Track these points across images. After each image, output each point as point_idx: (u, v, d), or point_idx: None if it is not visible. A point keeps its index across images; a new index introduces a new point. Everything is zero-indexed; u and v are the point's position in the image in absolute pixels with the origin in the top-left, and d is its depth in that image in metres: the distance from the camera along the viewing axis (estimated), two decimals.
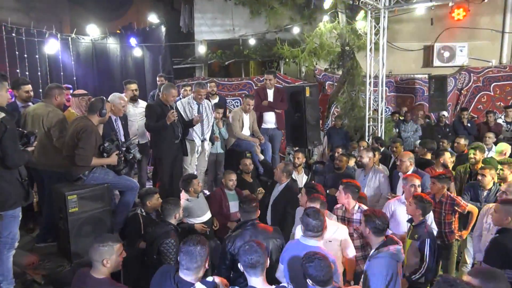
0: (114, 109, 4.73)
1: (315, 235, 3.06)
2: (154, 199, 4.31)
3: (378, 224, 3.11)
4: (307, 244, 3.03)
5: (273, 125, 6.36)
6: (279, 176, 4.66)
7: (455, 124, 9.11)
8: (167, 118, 5.03)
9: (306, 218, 3.07)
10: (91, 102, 4.18)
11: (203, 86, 5.48)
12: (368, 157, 5.33)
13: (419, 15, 10.34)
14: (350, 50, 8.13)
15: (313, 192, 4.01)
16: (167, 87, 5.24)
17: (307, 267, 2.58)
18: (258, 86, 9.46)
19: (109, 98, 4.84)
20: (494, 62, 10.69)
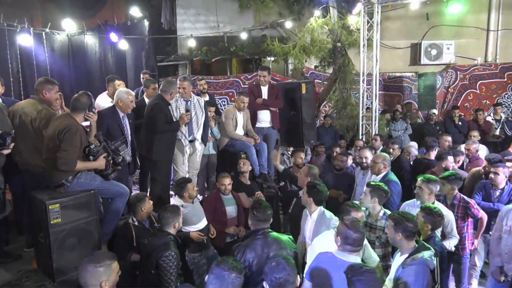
0: (122, 105, 4.37)
1: (356, 249, 2.72)
2: (147, 204, 3.92)
3: (410, 227, 2.84)
4: (346, 260, 2.67)
5: (268, 124, 6.01)
6: (304, 181, 4.32)
7: (446, 122, 9.02)
8: (181, 120, 4.64)
9: (346, 230, 2.72)
10: (74, 98, 3.70)
11: (181, 79, 5.09)
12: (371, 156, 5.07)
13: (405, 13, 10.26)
14: (341, 47, 7.88)
15: (314, 190, 3.72)
16: (168, 83, 4.82)
17: (355, 281, 2.24)
18: (246, 84, 9.13)
19: (116, 93, 4.45)
20: (479, 60, 10.72)
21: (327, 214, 3.72)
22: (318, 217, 3.72)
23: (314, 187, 3.71)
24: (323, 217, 3.70)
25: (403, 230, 2.83)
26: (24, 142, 3.87)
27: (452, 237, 3.87)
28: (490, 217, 4.32)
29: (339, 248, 2.77)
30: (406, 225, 2.83)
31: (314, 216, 3.75)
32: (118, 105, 4.39)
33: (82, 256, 3.47)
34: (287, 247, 3.15)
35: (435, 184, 3.95)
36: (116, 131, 4.32)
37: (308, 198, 3.73)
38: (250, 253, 3.07)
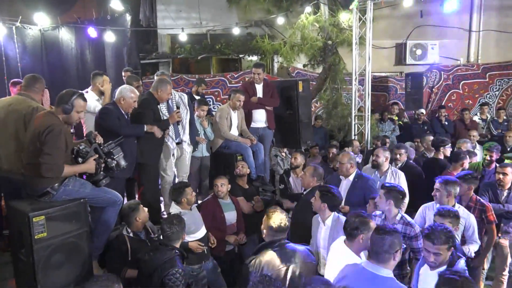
0: (123, 103, 4.00)
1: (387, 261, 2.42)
2: (142, 213, 3.53)
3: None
4: (377, 273, 2.38)
5: (263, 124, 5.68)
6: (308, 181, 4.07)
7: (433, 122, 9.00)
8: (171, 118, 4.25)
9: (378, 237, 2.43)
10: (60, 94, 3.26)
11: (164, 74, 4.74)
12: (385, 157, 4.84)
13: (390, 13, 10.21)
14: (332, 45, 7.66)
15: (328, 194, 3.44)
16: (161, 82, 4.43)
17: None
18: (233, 83, 8.78)
19: (119, 89, 4.06)
20: (462, 61, 10.81)
21: (343, 219, 3.44)
22: (332, 224, 3.44)
23: (328, 192, 3.43)
24: (338, 223, 3.42)
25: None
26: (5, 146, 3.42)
27: (473, 243, 3.68)
28: (499, 218, 4.18)
29: (368, 258, 2.50)
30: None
31: (328, 223, 3.46)
32: (119, 103, 3.97)
33: (70, 274, 3.07)
34: (307, 259, 2.85)
35: (454, 185, 3.74)
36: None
37: (321, 203, 3.43)
38: (266, 267, 2.75)
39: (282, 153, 6.51)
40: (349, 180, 4.33)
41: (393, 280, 2.41)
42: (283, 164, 6.46)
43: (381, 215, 3.56)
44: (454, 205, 3.75)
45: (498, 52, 10.78)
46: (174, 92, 4.79)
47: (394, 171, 4.84)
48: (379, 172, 4.83)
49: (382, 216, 3.55)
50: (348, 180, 4.34)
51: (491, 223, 3.88)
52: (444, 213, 3.15)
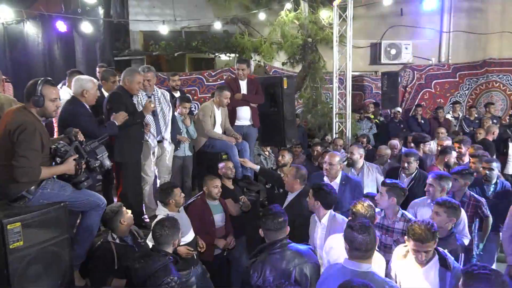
0: (87, 96, 3.72)
1: (365, 255, 2.34)
2: (126, 215, 3.26)
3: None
4: (356, 269, 2.29)
5: (248, 122, 5.49)
6: (291, 184, 3.84)
7: (410, 121, 9.13)
8: (145, 109, 3.97)
9: (351, 232, 2.35)
10: (26, 88, 2.94)
11: (144, 69, 4.46)
12: (359, 154, 4.80)
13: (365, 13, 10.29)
14: (312, 43, 7.59)
15: (321, 192, 3.31)
16: (128, 71, 4.14)
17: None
18: (210, 81, 8.54)
19: (78, 83, 3.73)
20: (434, 60, 11.06)
21: (339, 217, 3.32)
22: (329, 222, 3.31)
23: (321, 189, 3.30)
24: (334, 221, 3.30)
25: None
26: None
27: (464, 237, 3.66)
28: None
29: (348, 256, 2.41)
30: None
31: (324, 222, 3.33)
32: (82, 97, 3.66)
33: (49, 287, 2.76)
34: (310, 259, 2.70)
35: (447, 180, 3.74)
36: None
37: (315, 202, 3.30)
38: (269, 270, 2.58)
39: (265, 151, 6.36)
40: (336, 183, 4.14)
41: (373, 273, 2.34)
42: (267, 163, 6.31)
43: (380, 213, 3.46)
44: None
45: (467, 52, 11.11)
46: (156, 88, 4.55)
47: (370, 165, 4.82)
48: (355, 170, 4.79)
49: (382, 214, 3.46)
50: (335, 183, 4.14)
51: (487, 217, 3.88)
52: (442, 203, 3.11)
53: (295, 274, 2.57)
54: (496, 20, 11.03)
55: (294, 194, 3.84)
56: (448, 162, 5.04)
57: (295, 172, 3.94)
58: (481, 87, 10.77)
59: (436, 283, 2.61)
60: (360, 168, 4.73)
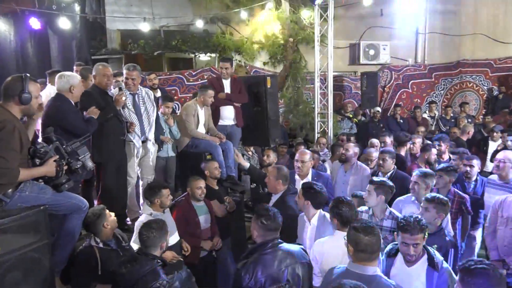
0: (75, 93, 3.57)
1: (371, 257, 2.30)
2: (110, 218, 3.13)
3: None
4: (362, 273, 2.25)
5: (231, 122, 5.42)
6: (274, 185, 3.74)
7: (389, 120, 9.27)
8: (116, 102, 3.83)
9: (355, 234, 2.30)
10: (6, 83, 2.78)
11: (130, 67, 4.33)
12: (354, 152, 4.81)
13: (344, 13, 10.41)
14: (294, 42, 7.59)
15: (311, 191, 3.28)
16: (95, 66, 4.02)
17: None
18: (191, 81, 8.41)
19: (65, 79, 3.56)
20: (410, 61, 11.28)
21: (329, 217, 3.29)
22: (319, 222, 3.27)
23: (311, 188, 3.26)
24: (325, 221, 3.26)
25: None
26: None
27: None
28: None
29: (353, 259, 2.35)
30: None
31: (314, 222, 3.29)
32: (69, 93, 3.50)
33: None
34: (302, 258, 2.66)
35: (431, 178, 3.78)
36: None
37: (305, 201, 3.26)
38: (261, 271, 2.53)
39: (249, 151, 6.30)
40: (308, 179, 4.11)
41: (380, 277, 2.31)
42: (250, 162, 6.25)
43: (368, 211, 3.47)
44: None
45: (442, 53, 11.40)
46: (141, 87, 4.42)
47: (361, 166, 4.83)
48: (345, 166, 4.79)
49: (370, 212, 3.46)
50: (306, 179, 4.11)
51: (470, 214, 3.95)
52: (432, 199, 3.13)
53: (287, 275, 2.52)
54: (469, 22, 11.36)
55: (278, 195, 3.75)
56: (429, 159, 5.12)
57: (277, 173, 3.82)
58: (456, 87, 11.07)
59: (424, 283, 2.59)
60: (350, 167, 4.72)
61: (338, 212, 2.83)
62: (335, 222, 2.85)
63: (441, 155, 5.22)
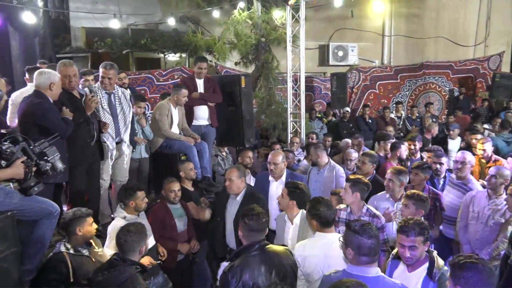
0: (55, 90, 3.41)
1: (373, 259, 2.26)
2: (87, 225, 2.96)
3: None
4: (366, 275, 2.20)
5: (206, 122, 5.32)
6: (238, 185, 3.66)
7: (358, 121, 9.45)
8: (87, 107, 3.64)
9: (357, 237, 2.23)
10: None
11: (107, 66, 4.16)
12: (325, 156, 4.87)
13: (313, 15, 10.54)
14: (265, 43, 7.58)
15: (297, 191, 3.26)
16: (58, 65, 3.77)
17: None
18: (161, 81, 8.22)
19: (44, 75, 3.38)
20: (377, 63, 11.58)
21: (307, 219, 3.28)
22: (301, 222, 3.26)
23: (297, 188, 3.24)
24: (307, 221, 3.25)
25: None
26: None
27: None
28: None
29: (355, 263, 2.27)
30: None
31: (296, 221, 3.28)
32: (48, 90, 3.31)
33: None
34: (288, 260, 2.62)
35: (405, 175, 3.87)
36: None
37: (290, 201, 3.23)
38: (248, 274, 2.47)
39: (223, 152, 6.21)
40: (282, 181, 4.04)
41: (383, 277, 2.29)
42: (224, 164, 6.16)
43: (346, 209, 3.48)
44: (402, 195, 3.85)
45: (407, 55, 11.79)
46: (117, 87, 4.25)
47: (332, 165, 4.88)
48: (318, 166, 4.83)
49: (348, 210, 3.47)
50: (281, 181, 4.05)
51: (443, 210, 4.06)
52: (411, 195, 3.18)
53: (274, 276, 2.47)
54: (432, 26, 11.82)
55: (241, 195, 3.68)
56: (401, 156, 5.24)
57: (238, 172, 3.72)
58: (420, 88, 11.47)
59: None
60: (323, 166, 4.76)
61: (317, 213, 2.78)
62: (314, 224, 2.80)
63: (414, 153, 5.36)
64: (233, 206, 3.73)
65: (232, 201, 3.76)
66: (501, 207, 3.67)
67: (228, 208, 3.78)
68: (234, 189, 3.69)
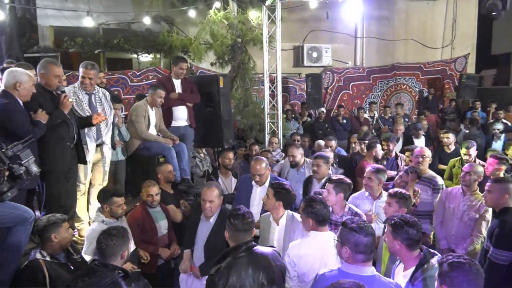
0: (21, 91, 3.21)
1: (370, 257, 2.26)
2: (63, 231, 2.84)
3: (413, 234, 2.41)
4: (362, 274, 2.20)
5: (184, 122, 5.22)
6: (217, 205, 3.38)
7: (333, 121, 9.57)
8: (62, 106, 3.49)
9: (354, 235, 2.23)
10: None
11: (88, 66, 4.03)
12: (300, 154, 4.88)
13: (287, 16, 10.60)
14: (242, 43, 7.55)
15: (283, 192, 3.25)
16: (44, 63, 3.63)
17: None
18: (135, 81, 8.04)
19: (10, 75, 3.20)
20: (350, 64, 11.78)
21: (298, 216, 3.27)
22: (287, 223, 3.24)
23: (283, 189, 3.22)
24: (293, 221, 3.24)
25: (404, 238, 2.41)
26: None
27: None
28: None
29: (350, 261, 2.27)
30: (408, 231, 2.40)
31: (282, 222, 3.26)
32: (14, 90, 3.15)
33: None
34: (276, 261, 2.60)
35: (383, 173, 3.94)
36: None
37: (276, 202, 3.21)
38: (235, 277, 2.42)
39: (201, 153, 6.14)
40: (265, 186, 3.86)
41: (379, 276, 2.30)
42: (202, 165, 6.09)
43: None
44: (381, 193, 3.93)
45: (378, 57, 12.06)
46: (97, 87, 4.13)
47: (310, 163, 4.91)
48: (297, 167, 4.85)
49: (330, 210, 3.48)
50: (264, 187, 3.88)
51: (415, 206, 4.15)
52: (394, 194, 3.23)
53: (262, 278, 2.44)
54: (402, 28, 12.15)
55: (215, 216, 3.34)
56: (376, 155, 5.35)
57: (218, 190, 3.34)
58: (391, 88, 11.77)
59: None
60: (301, 166, 4.79)
61: (313, 211, 2.76)
62: (309, 222, 2.78)
63: (389, 153, 5.48)
64: (205, 229, 3.33)
65: (203, 224, 3.34)
66: (475, 203, 3.80)
67: (199, 231, 3.34)
68: (214, 211, 3.26)
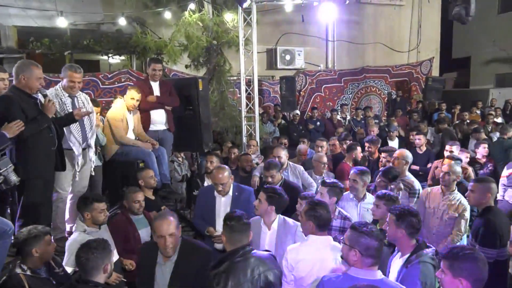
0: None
1: (378, 262, 2.27)
2: (44, 244, 2.69)
3: (415, 222, 2.60)
4: (371, 278, 2.20)
5: (163, 126, 5.08)
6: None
7: (307, 123, 9.68)
8: (46, 110, 3.32)
9: (364, 238, 2.23)
10: None
11: (77, 69, 3.90)
12: (285, 155, 4.89)
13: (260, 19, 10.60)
14: (217, 45, 7.49)
15: (276, 196, 3.23)
16: (24, 66, 3.45)
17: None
18: (106, 84, 7.78)
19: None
20: (322, 67, 11.96)
21: (290, 221, 3.27)
22: (279, 227, 3.23)
23: (275, 193, 3.19)
24: (285, 225, 3.24)
25: (409, 226, 2.58)
26: None
27: None
28: None
29: (359, 265, 2.25)
30: (412, 221, 2.58)
31: (274, 227, 3.24)
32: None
33: None
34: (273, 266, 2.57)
35: (367, 175, 4.01)
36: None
37: (269, 206, 3.19)
38: (234, 281, 2.39)
39: (179, 158, 6.02)
40: (229, 195, 3.73)
41: (387, 280, 2.32)
42: (181, 169, 5.98)
43: None
44: (365, 195, 4.01)
45: (349, 60, 12.32)
46: (78, 91, 3.96)
47: (293, 166, 4.93)
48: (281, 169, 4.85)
49: None
50: (228, 196, 3.72)
51: None
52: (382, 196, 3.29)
53: (260, 282, 2.41)
54: (370, 32, 12.48)
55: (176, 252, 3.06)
56: (356, 157, 5.45)
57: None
58: (362, 91, 12.07)
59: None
60: (285, 168, 4.78)
61: (315, 214, 2.74)
62: (310, 225, 2.76)
63: (371, 155, 5.59)
64: (166, 272, 2.72)
65: (162, 268, 2.74)
66: (454, 202, 3.93)
67: (157, 279, 2.73)
68: (175, 247, 2.73)
